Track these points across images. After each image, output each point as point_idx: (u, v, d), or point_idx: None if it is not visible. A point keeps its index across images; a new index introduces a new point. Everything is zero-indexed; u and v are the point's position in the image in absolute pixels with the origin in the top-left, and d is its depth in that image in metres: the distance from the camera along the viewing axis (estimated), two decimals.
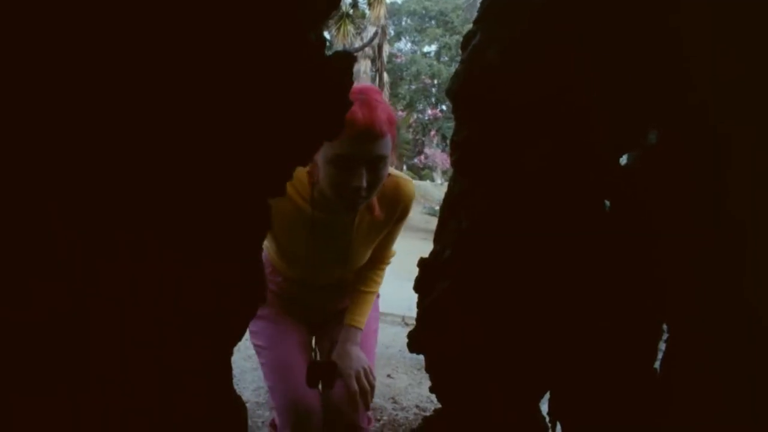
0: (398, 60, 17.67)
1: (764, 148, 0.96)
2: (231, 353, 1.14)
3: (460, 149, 1.13)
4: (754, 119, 0.97)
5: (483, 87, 1.06)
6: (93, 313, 0.91)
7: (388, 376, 2.93)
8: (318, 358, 1.61)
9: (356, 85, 1.09)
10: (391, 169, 1.39)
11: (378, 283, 1.66)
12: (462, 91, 1.09)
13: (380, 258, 1.64)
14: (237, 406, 1.15)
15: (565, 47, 1.01)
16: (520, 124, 1.04)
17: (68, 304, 0.89)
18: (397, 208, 1.46)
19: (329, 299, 1.64)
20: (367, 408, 1.51)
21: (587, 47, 1.01)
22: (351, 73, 1.06)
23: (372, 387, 1.48)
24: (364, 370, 1.48)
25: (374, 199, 1.37)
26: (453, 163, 1.17)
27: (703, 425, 1.03)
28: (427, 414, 1.33)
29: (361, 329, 1.56)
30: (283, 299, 1.62)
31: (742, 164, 0.98)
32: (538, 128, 1.04)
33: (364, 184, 1.23)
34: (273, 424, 1.61)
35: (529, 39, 1.02)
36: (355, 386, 1.44)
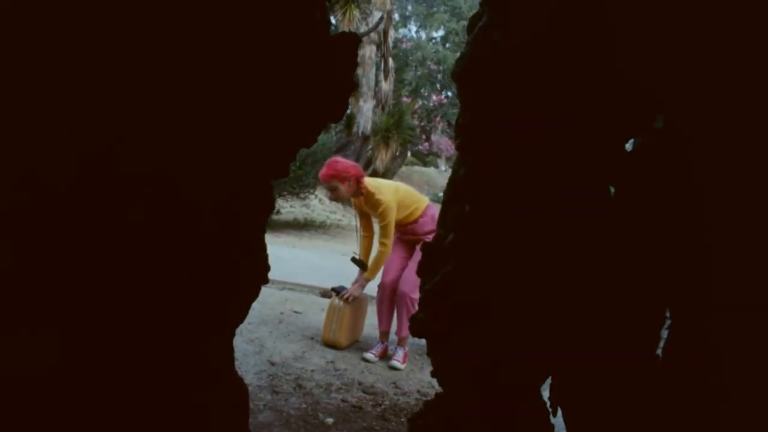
0: (403, 45, 17.48)
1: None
2: (233, 336, 1.14)
3: (464, 133, 1.11)
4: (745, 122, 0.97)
5: (488, 69, 1.04)
6: (96, 299, 0.90)
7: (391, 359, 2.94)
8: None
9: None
10: (374, 184, 3.15)
11: (378, 248, 3.26)
12: (467, 73, 1.08)
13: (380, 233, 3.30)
14: (239, 389, 1.15)
15: (570, 32, 0.99)
16: (525, 107, 1.03)
17: (74, 287, 0.89)
18: (373, 202, 3.09)
19: (405, 239, 3.29)
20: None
21: (592, 32, 0.99)
22: (355, 54, 1.04)
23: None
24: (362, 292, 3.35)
25: (362, 198, 3.14)
26: (457, 147, 1.15)
27: (703, 410, 1.03)
28: (429, 399, 1.33)
29: (369, 279, 3.27)
30: (397, 238, 3.29)
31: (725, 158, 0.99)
32: (543, 111, 1.03)
33: (330, 194, 3.20)
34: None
35: (535, 22, 1.00)
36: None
